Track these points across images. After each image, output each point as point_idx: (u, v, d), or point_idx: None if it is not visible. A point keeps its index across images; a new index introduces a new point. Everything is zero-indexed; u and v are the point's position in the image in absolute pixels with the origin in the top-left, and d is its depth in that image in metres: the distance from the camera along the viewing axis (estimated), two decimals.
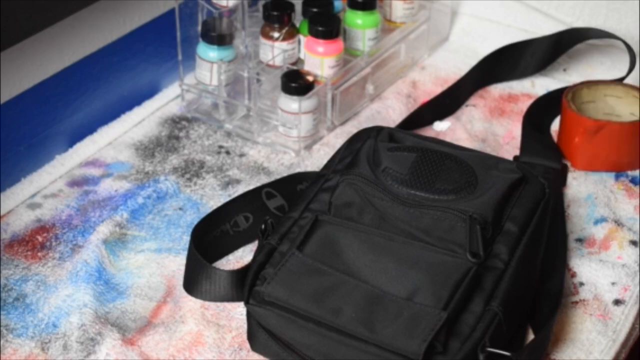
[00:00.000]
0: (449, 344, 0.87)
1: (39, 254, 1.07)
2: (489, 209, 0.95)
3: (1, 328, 0.98)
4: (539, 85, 1.34)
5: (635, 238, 1.09)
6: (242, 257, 1.07)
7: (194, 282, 1.02)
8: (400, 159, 1.01)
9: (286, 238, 0.97)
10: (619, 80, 1.23)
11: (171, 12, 1.25)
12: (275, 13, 1.25)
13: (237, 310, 1.00)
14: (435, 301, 0.88)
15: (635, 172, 1.18)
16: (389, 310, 0.88)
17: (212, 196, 1.15)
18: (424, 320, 0.86)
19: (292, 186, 1.11)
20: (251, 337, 0.95)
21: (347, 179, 0.99)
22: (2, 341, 0.97)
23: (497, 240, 0.95)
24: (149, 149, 1.22)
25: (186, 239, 1.07)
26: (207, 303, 1.01)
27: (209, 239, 1.05)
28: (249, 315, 0.94)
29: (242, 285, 0.95)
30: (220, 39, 1.23)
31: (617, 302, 1.02)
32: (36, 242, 1.08)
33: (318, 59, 1.24)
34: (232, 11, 1.25)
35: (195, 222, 1.05)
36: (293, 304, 0.90)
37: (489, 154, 1.05)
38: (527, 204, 0.99)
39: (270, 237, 0.97)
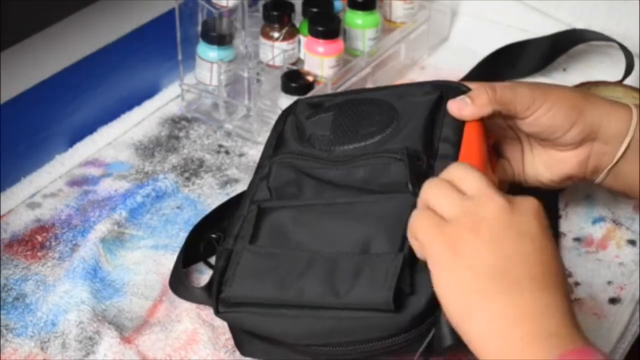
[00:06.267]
0: (416, 282, 0.85)
1: (39, 253, 1.07)
2: (417, 138, 0.94)
3: (1, 328, 0.98)
4: None
5: (634, 237, 1.09)
6: None
7: (175, 285, 1.02)
8: (320, 123, 0.99)
9: (239, 237, 0.95)
10: (619, 82, 1.24)
11: (171, 12, 1.25)
12: (275, 13, 1.25)
13: None
14: (390, 247, 0.87)
15: None
16: (348, 270, 0.87)
17: (209, 195, 1.15)
18: (384, 268, 0.85)
19: None
20: (237, 343, 0.95)
21: (276, 160, 0.97)
22: (2, 341, 0.97)
23: (435, 166, 0.93)
24: (149, 149, 1.23)
25: (183, 235, 1.07)
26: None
27: (203, 239, 1.04)
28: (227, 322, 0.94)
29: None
30: (220, 39, 1.23)
31: (613, 300, 1.02)
32: (36, 241, 1.09)
33: (318, 59, 1.24)
34: (232, 11, 1.24)
35: (192, 219, 1.06)
36: (259, 297, 0.89)
37: (403, 84, 1.03)
38: (454, 119, 0.96)
39: (224, 241, 0.96)
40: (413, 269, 0.85)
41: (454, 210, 0.79)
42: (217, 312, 0.91)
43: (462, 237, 0.78)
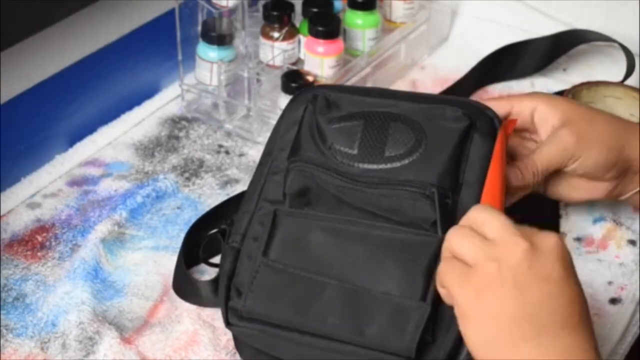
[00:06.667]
0: (436, 332, 0.85)
1: (39, 253, 1.07)
2: (443, 170, 0.91)
3: (1, 328, 0.98)
4: (539, 85, 1.34)
5: (634, 237, 1.09)
6: None
7: (179, 286, 1.02)
8: (344, 131, 0.95)
9: (247, 237, 0.94)
10: (619, 82, 1.24)
11: (171, 12, 1.25)
12: (275, 13, 1.25)
13: None
14: (412, 291, 0.86)
15: None
16: (371, 308, 0.86)
17: (210, 195, 1.15)
18: (408, 315, 0.85)
19: None
20: (239, 349, 0.94)
21: (295, 166, 0.94)
22: (2, 341, 0.97)
23: (459, 200, 0.91)
24: (149, 149, 1.23)
25: (183, 236, 1.06)
26: None
27: (205, 237, 1.04)
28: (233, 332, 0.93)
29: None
30: (220, 39, 1.23)
31: (614, 300, 1.02)
32: (36, 242, 1.09)
33: (318, 59, 1.24)
34: (232, 11, 1.25)
35: (192, 220, 1.05)
36: (275, 318, 0.88)
37: (434, 97, 1.01)
38: (481, 151, 0.94)
39: (231, 238, 0.94)
40: (435, 319, 0.86)
41: (478, 255, 0.79)
42: (228, 324, 0.91)
43: (487, 285, 0.77)
